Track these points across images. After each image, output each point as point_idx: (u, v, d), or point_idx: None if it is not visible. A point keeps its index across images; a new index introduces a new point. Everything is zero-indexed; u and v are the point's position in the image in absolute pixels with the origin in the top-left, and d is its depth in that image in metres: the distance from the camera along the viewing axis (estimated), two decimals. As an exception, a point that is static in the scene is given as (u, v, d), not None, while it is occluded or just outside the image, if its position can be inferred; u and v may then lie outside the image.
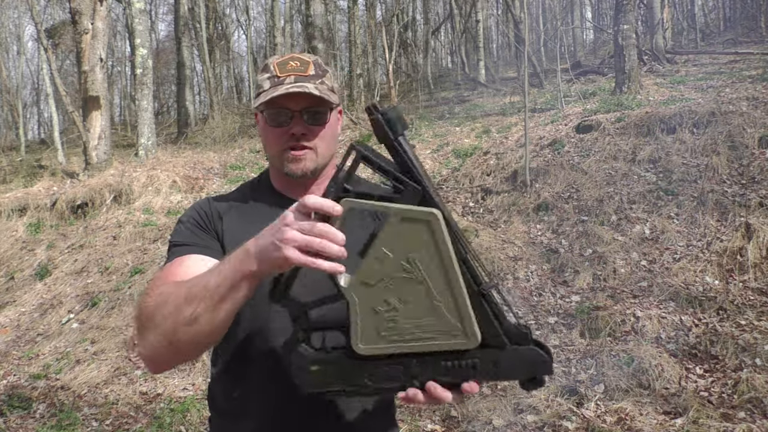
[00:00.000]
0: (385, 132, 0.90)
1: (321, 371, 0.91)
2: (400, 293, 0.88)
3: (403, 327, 0.89)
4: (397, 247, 0.87)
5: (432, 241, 0.87)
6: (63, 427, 3.87)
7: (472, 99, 12.44)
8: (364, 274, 0.87)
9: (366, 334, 0.89)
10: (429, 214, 0.87)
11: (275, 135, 1.22)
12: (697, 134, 6.65)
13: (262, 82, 1.22)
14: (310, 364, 0.91)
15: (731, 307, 4.44)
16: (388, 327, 0.89)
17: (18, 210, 8.10)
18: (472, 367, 0.92)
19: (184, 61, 15.36)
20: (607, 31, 18.42)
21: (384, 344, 0.89)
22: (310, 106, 1.20)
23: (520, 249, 5.64)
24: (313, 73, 1.21)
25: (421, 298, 0.88)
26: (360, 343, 0.89)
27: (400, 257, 0.87)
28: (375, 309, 0.88)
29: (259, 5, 26.78)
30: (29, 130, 22.68)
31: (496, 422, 3.57)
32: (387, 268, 0.87)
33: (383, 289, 0.88)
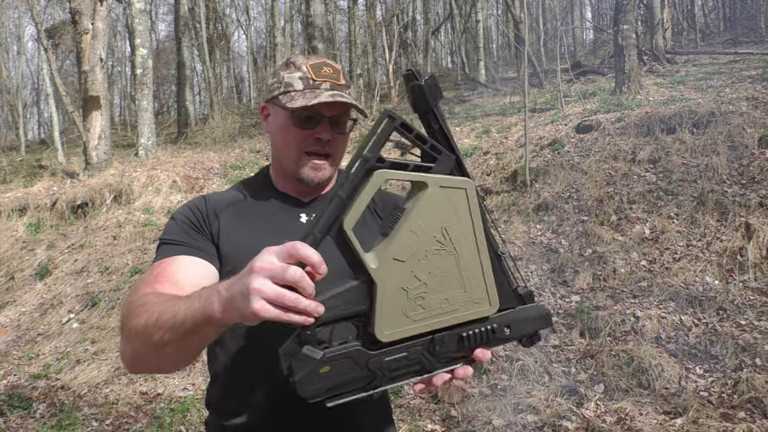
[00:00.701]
0: (426, 100, 0.89)
1: (331, 373, 0.83)
2: (431, 267, 0.86)
3: (431, 303, 0.86)
4: (432, 217, 0.86)
5: (467, 210, 0.87)
6: (63, 427, 3.87)
7: (472, 99, 12.44)
8: (396, 249, 0.84)
9: (391, 317, 0.84)
10: (466, 182, 0.87)
11: (299, 136, 1.20)
12: (697, 134, 6.65)
13: (292, 81, 1.20)
14: (322, 366, 0.82)
15: (731, 307, 4.44)
16: (416, 305, 0.85)
17: (18, 210, 8.10)
18: (492, 332, 0.92)
19: (184, 61, 15.37)
20: (607, 31, 18.42)
21: (410, 325, 0.85)
22: (339, 114, 1.21)
23: (520, 249, 5.64)
24: (344, 83, 1.22)
25: (450, 270, 0.87)
26: (384, 329, 0.84)
27: (435, 228, 0.86)
28: (405, 287, 0.84)
29: (259, 5, 26.80)
30: (29, 130, 22.70)
31: (496, 422, 3.57)
32: (421, 241, 0.85)
33: (415, 265, 0.85)
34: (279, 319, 0.78)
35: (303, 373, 0.81)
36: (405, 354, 0.86)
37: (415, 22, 20.90)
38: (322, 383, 0.82)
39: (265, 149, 10.34)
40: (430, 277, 0.86)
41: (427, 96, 0.89)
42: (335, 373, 0.82)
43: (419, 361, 0.88)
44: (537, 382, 3.99)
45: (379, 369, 0.85)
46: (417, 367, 0.88)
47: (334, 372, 0.82)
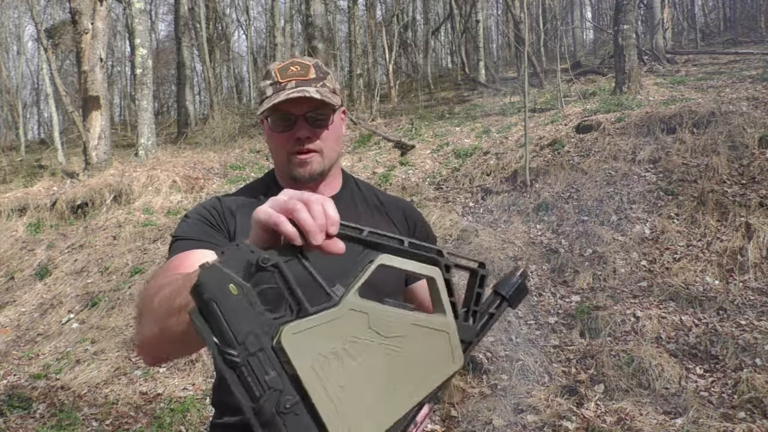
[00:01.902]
0: (519, 300, 0.91)
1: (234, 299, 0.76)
2: (369, 355, 0.80)
3: (334, 374, 0.79)
4: (416, 338, 0.82)
5: (436, 374, 0.82)
6: (63, 427, 3.87)
7: (472, 99, 12.44)
8: (376, 317, 0.79)
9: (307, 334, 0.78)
10: (459, 360, 0.83)
11: (281, 140, 1.23)
12: (697, 134, 6.65)
13: (265, 89, 1.23)
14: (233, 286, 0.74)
15: (731, 307, 4.45)
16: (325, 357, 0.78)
17: (18, 210, 8.10)
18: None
19: (184, 61, 15.37)
20: (607, 31, 18.42)
21: (302, 357, 0.78)
22: (312, 109, 1.21)
23: (520, 249, 5.64)
24: (314, 77, 1.22)
25: (372, 377, 0.81)
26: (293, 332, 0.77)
27: (408, 347, 0.82)
28: (342, 335, 0.79)
29: (259, 5, 26.81)
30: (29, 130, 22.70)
31: (496, 422, 3.57)
32: (392, 332, 0.80)
33: (365, 339, 0.80)
34: (285, 231, 0.75)
35: (223, 270, 0.73)
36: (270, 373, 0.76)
37: (415, 22, 20.89)
38: (217, 291, 0.72)
39: (265, 149, 10.35)
40: (360, 361, 0.80)
41: (516, 295, 0.91)
42: (232, 303, 0.73)
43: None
44: (537, 382, 3.99)
45: (246, 348, 0.74)
46: None
47: (233, 301, 0.73)
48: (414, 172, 8.26)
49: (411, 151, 9.00)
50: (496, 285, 0.90)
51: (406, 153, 9.01)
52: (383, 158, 9.03)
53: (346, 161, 9.02)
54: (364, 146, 9.80)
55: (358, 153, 9.53)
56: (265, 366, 0.74)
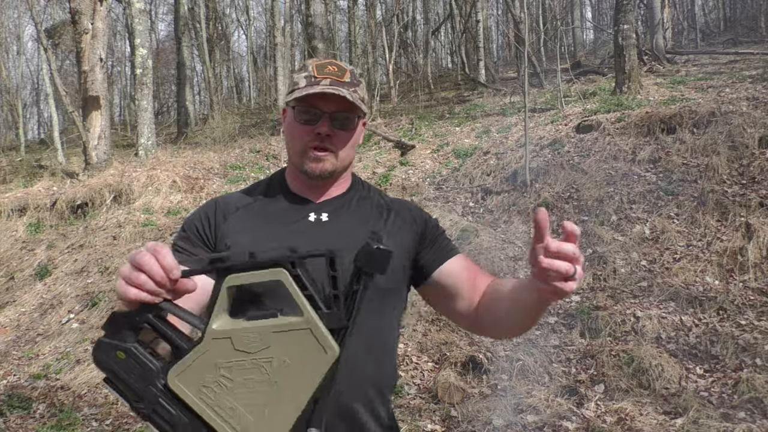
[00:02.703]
0: (382, 264, 0.91)
1: (122, 363, 0.88)
2: (246, 375, 0.86)
3: (221, 399, 0.87)
4: (281, 343, 0.85)
5: (311, 370, 0.86)
6: (63, 427, 3.87)
7: (472, 99, 12.44)
8: (237, 338, 0.85)
9: (189, 375, 0.87)
10: (332, 349, 0.86)
11: (301, 131, 1.24)
12: (697, 134, 6.65)
13: (298, 80, 1.24)
14: (120, 352, 0.87)
15: (731, 307, 4.44)
16: (209, 387, 0.87)
17: (18, 210, 8.10)
18: None
19: (184, 61, 15.37)
20: (607, 31, 18.42)
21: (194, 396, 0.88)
22: (340, 110, 1.22)
23: (520, 249, 5.64)
24: (348, 80, 1.23)
25: (256, 393, 0.87)
26: (177, 377, 0.87)
27: (277, 354, 0.86)
28: (216, 364, 0.86)
29: (259, 5, 26.81)
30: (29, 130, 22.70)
31: (496, 422, 3.57)
32: (256, 347, 0.85)
33: (237, 361, 0.86)
34: (131, 298, 0.85)
35: (107, 341, 0.86)
36: (172, 412, 0.87)
37: (415, 22, 20.89)
38: (110, 361, 0.86)
39: (264, 149, 10.34)
40: (240, 382, 0.86)
41: (373, 261, 0.91)
42: (124, 367, 0.86)
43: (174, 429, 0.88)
44: (537, 382, 3.99)
45: (149, 399, 0.87)
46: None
47: (124, 365, 0.86)
48: (414, 172, 8.26)
49: (411, 151, 9.00)
50: (355, 258, 0.91)
51: (406, 153, 9.01)
52: (383, 158, 9.02)
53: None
54: (364, 146, 9.80)
55: (358, 153, 9.53)
56: (168, 408, 0.86)
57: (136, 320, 0.87)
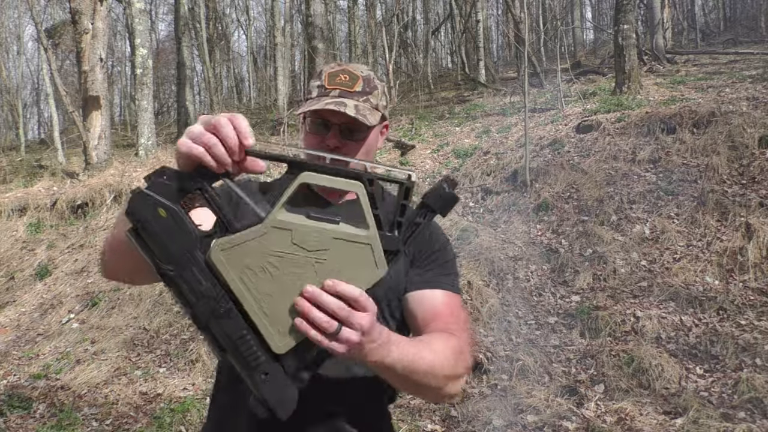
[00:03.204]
0: (446, 207, 0.93)
1: (162, 220, 0.85)
2: (295, 268, 0.86)
3: (262, 284, 0.87)
4: (339, 250, 0.87)
5: (360, 281, 0.88)
6: (63, 427, 3.87)
7: (472, 99, 12.44)
8: (298, 233, 0.86)
9: (234, 250, 0.86)
10: (383, 267, 0.89)
11: (312, 142, 1.24)
12: (697, 134, 6.65)
13: (312, 89, 1.24)
14: (162, 209, 0.84)
15: (731, 307, 4.45)
16: (252, 270, 0.86)
17: (18, 210, 8.10)
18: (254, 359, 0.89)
19: (184, 61, 15.36)
20: (607, 31, 18.42)
21: (231, 270, 0.86)
22: (347, 122, 1.21)
23: (520, 249, 5.64)
24: (359, 90, 1.22)
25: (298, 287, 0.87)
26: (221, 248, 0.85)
27: (331, 259, 0.87)
28: (268, 250, 0.86)
29: (259, 5, 26.81)
30: (29, 130, 22.70)
31: (496, 422, 3.57)
32: (314, 246, 0.86)
33: (289, 253, 0.86)
34: (195, 156, 0.83)
35: (150, 194, 0.83)
36: (203, 282, 0.85)
37: (415, 22, 20.90)
38: (148, 215, 0.83)
39: (265, 149, 10.34)
40: (286, 273, 0.87)
41: (441, 202, 0.94)
42: (162, 225, 0.83)
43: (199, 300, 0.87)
44: (537, 382, 4.00)
45: (180, 264, 0.84)
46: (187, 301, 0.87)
47: (163, 224, 0.83)
48: (414, 172, 8.25)
49: (411, 151, 9.00)
50: (424, 195, 0.93)
51: (406, 153, 9.01)
52: (383, 158, 9.03)
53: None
54: (364, 146, 9.80)
55: (358, 153, 9.53)
56: (199, 278, 0.84)
57: (190, 184, 0.85)
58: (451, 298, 1.22)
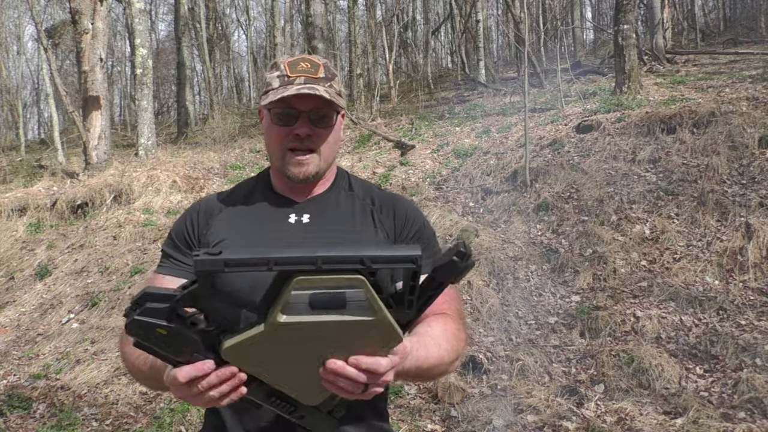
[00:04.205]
0: (451, 276, 0.92)
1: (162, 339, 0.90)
2: (306, 348, 0.89)
3: (278, 366, 0.91)
4: (348, 334, 0.88)
5: (375, 351, 0.90)
6: (63, 427, 3.87)
7: (472, 99, 12.43)
8: (302, 330, 0.87)
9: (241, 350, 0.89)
10: (399, 338, 0.91)
11: (279, 134, 1.22)
12: (697, 134, 6.65)
13: (271, 80, 1.22)
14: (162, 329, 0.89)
15: (731, 307, 4.44)
16: (263, 361, 0.91)
17: (18, 210, 8.10)
18: (293, 409, 0.97)
19: (184, 61, 15.36)
20: (607, 31, 18.42)
21: (244, 364, 0.91)
22: (317, 108, 1.20)
23: (520, 249, 5.64)
24: (323, 76, 1.21)
25: (315, 360, 0.90)
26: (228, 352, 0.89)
27: (342, 339, 0.88)
28: (275, 346, 0.89)
29: (259, 5, 26.79)
30: (29, 130, 22.70)
31: (496, 422, 3.57)
32: (321, 336, 0.88)
33: (298, 341, 0.88)
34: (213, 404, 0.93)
35: (144, 321, 0.86)
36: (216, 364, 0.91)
37: (415, 22, 20.89)
38: (150, 336, 0.87)
39: (264, 149, 10.34)
40: (299, 353, 0.90)
41: (454, 275, 0.92)
42: (164, 341, 0.88)
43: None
44: (537, 382, 3.99)
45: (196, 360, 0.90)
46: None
47: (165, 340, 0.87)
48: (414, 172, 8.26)
49: (411, 151, 9.00)
50: (435, 269, 0.93)
51: (406, 153, 9.00)
52: (383, 158, 9.03)
53: (346, 161, 9.02)
54: (364, 146, 9.80)
55: (358, 153, 9.53)
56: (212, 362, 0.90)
57: (178, 303, 0.88)
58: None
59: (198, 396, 0.92)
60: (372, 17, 17.09)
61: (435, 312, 1.16)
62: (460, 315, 1.24)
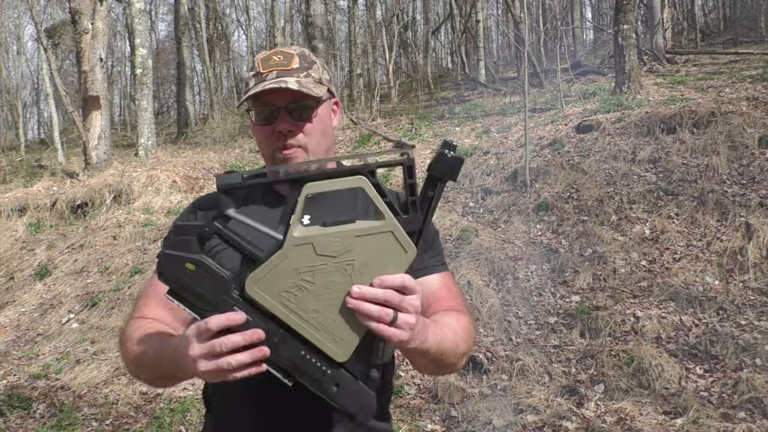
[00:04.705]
0: (444, 170, 0.94)
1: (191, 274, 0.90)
2: (329, 278, 0.89)
3: (304, 303, 0.89)
4: (364, 248, 0.89)
5: (393, 268, 0.90)
6: (63, 427, 3.87)
7: (472, 99, 12.43)
8: (321, 242, 0.88)
9: (267, 282, 0.88)
10: (411, 250, 0.91)
11: (263, 134, 1.19)
12: (697, 134, 6.65)
13: (248, 80, 1.19)
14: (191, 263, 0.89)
15: (731, 307, 4.44)
16: (292, 293, 0.89)
17: (18, 210, 8.10)
18: (322, 375, 0.92)
19: (184, 61, 15.36)
20: (607, 31, 18.42)
21: (274, 301, 0.88)
22: (294, 101, 1.16)
23: (520, 249, 5.64)
24: (296, 66, 1.17)
25: (339, 295, 0.89)
26: (255, 285, 0.88)
27: (358, 257, 0.89)
28: (298, 271, 0.88)
29: (259, 5, 26.79)
30: (29, 130, 22.70)
31: (496, 422, 3.57)
32: (341, 254, 0.88)
33: (321, 265, 0.88)
34: (226, 373, 0.88)
35: (174, 254, 0.87)
36: (249, 319, 0.89)
37: (415, 22, 20.90)
38: (179, 274, 0.88)
39: (264, 149, 10.34)
40: (322, 285, 0.89)
41: (447, 168, 0.95)
42: (194, 278, 0.87)
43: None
44: (537, 382, 3.99)
45: (223, 308, 0.89)
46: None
47: (195, 276, 0.87)
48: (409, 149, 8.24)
49: (411, 151, 8.99)
50: (429, 167, 0.95)
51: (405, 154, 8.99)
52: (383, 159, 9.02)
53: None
54: (364, 146, 9.80)
55: (358, 153, 9.52)
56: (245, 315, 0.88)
57: (206, 231, 0.88)
58: (445, 277, 1.25)
59: (215, 357, 0.88)
60: (372, 17, 17.10)
61: (447, 308, 1.17)
62: (469, 312, 1.25)
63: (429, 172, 0.95)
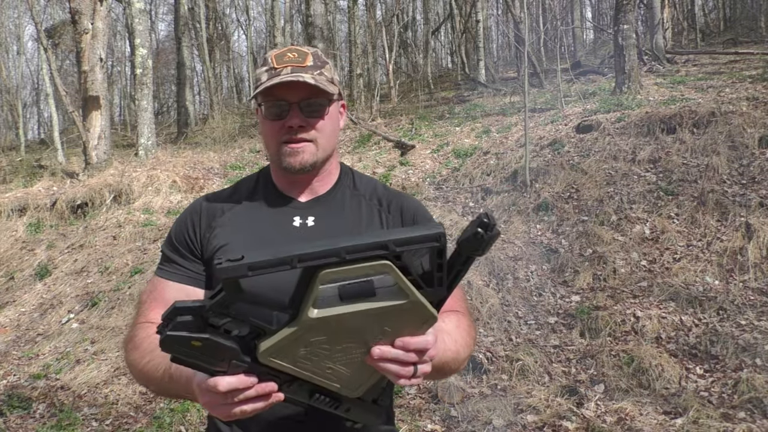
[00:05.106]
0: (477, 249, 0.89)
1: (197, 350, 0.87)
2: (345, 343, 0.89)
3: (319, 364, 0.90)
4: (383, 321, 0.87)
5: (413, 331, 0.90)
6: (63, 427, 3.87)
7: (472, 99, 12.43)
8: (339, 321, 0.85)
9: (282, 352, 0.88)
10: (433, 318, 0.90)
11: (273, 128, 1.18)
12: (697, 134, 6.65)
13: (260, 75, 1.18)
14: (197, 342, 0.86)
15: (731, 307, 4.44)
16: (307, 359, 0.89)
17: (18, 210, 8.10)
18: (337, 402, 0.96)
19: (184, 61, 15.36)
20: (607, 31, 18.42)
21: (285, 364, 0.89)
22: (307, 97, 1.16)
23: (520, 249, 5.64)
24: (311, 64, 1.17)
25: (356, 355, 0.90)
26: (270, 355, 0.87)
27: (378, 327, 0.87)
28: (313, 341, 0.87)
29: (259, 5, 26.79)
30: (29, 130, 22.70)
31: (496, 422, 3.57)
32: (360, 328, 0.87)
33: (338, 337, 0.87)
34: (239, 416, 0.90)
35: (178, 335, 0.84)
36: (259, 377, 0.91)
37: (415, 22, 20.90)
38: (185, 350, 0.85)
39: (264, 149, 10.34)
40: (338, 349, 0.89)
41: (480, 247, 0.89)
42: (201, 352, 0.86)
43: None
44: (537, 382, 3.99)
45: (233, 372, 0.88)
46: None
47: (201, 351, 0.86)
48: (414, 172, 8.26)
49: (411, 151, 9.00)
50: (460, 242, 0.90)
51: (406, 153, 9.00)
52: (383, 158, 9.03)
53: (346, 161, 9.02)
54: (364, 146, 9.80)
55: (358, 153, 9.53)
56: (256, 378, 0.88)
57: (209, 313, 0.86)
58: None
59: (228, 406, 0.89)
60: (372, 17, 17.10)
61: (447, 309, 1.15)
62: (470, 312, 1.25)
63: (459, 249, 0.90)
